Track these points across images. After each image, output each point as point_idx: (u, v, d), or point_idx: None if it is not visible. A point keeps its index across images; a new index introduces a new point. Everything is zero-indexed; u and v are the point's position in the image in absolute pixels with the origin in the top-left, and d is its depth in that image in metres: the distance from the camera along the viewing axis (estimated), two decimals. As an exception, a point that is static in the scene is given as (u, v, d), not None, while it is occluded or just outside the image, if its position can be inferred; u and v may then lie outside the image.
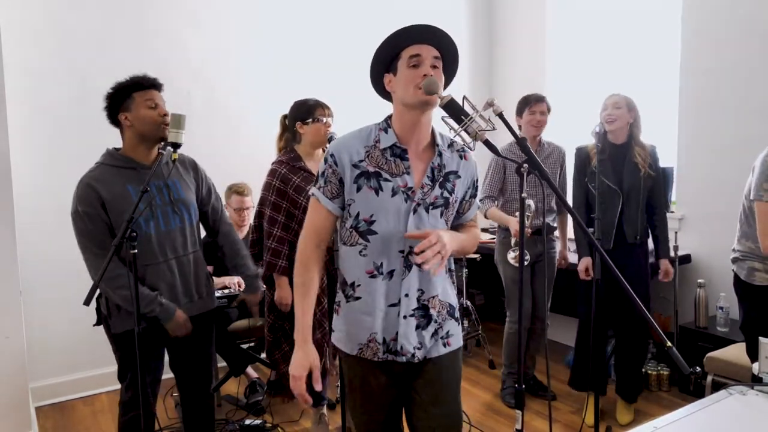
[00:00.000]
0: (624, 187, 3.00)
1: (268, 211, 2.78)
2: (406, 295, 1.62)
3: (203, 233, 2.45)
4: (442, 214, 1.65)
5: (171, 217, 2.19)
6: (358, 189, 1.60)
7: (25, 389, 2.91)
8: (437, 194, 1.63)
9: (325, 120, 2.76)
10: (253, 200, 3.54)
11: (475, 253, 4.04)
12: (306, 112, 2.79)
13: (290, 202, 2.75)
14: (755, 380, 1.78)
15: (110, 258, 1.92)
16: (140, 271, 2.12)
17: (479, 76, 5.01)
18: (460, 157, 1.70)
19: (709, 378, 3.01)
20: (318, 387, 1.60)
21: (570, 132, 4.60)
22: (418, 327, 1.66)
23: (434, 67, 1.57)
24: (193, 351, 2.37)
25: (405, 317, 1.63)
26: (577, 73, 4.55)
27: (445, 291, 1.72)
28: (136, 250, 1.98)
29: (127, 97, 2.16)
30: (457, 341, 1.74)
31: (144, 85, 2.19)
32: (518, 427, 1.54)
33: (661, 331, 1.41)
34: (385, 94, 1.69)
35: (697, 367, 1.44)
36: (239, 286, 3.40)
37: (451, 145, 1.70)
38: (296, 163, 2.78)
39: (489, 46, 5.02)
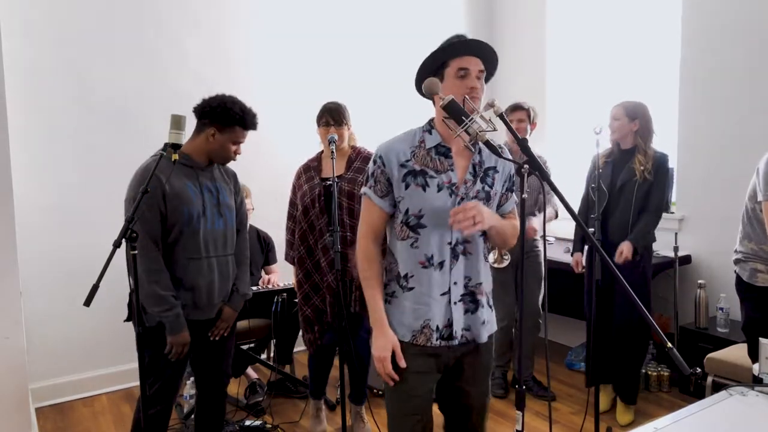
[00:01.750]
0: (615, 188, 3.04)
1: (288, 207, 3.04)
2: (455, 283, 1.74)
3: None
4: None
5: (217, 217, 2.30)
6: (407, 186, 1.72)
7: (24, 390, 2.91)
8: (479, 188, 1.74)
9: (329, 126, 2.87)
10: (252, 202, 3.55)
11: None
12: (318, 116, 2.96)
13: (297, 198, 2.95)
14: (756, 381, 1.79)
15: (110, 257, 1.93)
16: (183, 264, 2.20)
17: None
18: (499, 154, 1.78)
19: (710, 379, 3.01)
20: (402, 364, 1.72)
21: (570, 132, 4.60)
22: (466, 311, 1.78)
23: (478, 78, 1.69)
24: (221, 349, 2.44)
25: (455, 303, 1.76)
26: (578, 73, 4.55)
27: (488, 280, 1.86)
28: (136, 251, 1.99)
29: (228, 125, 2.28)
30: (492, 328, 1.88)
31: (246, 125, 2.32)
32: (518, 427, 1.54)
33: (661, 332, 1.40)
34: (426, 96, 1.77)
35: (698, 368, 1.44)
36: (276, 285, 3.57)
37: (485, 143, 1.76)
38: (312, 163, 2.98)
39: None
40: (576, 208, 3.31)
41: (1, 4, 3.23)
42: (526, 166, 1.48)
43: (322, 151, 3.01)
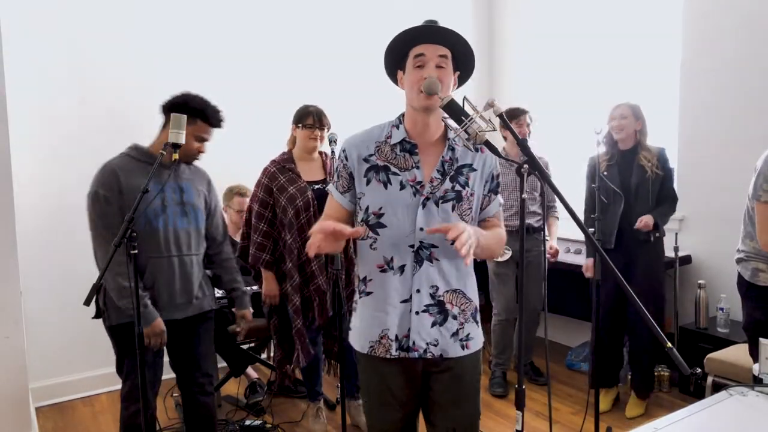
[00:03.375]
0: (632, 188, 3.10)
1: (256, 207, 2.92)
2: (418, 291, 1.61)
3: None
4: (453, 208, 1.62)
5: (179, 216, 2.27)
6: (368, 182, 1.63)
7: (25, 389, 2.91)
8: (447, 188, 1.62)
9: (314, 128, 2.85)
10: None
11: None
12: (300, 116, 2.91)
13: (275, 199, 2.86)
14: (756, 381, 1.78)
15: (111, 257, 1.94)
16: (143, 262, 2.18)
17: (479, 76, 5.00)
18: (476, 150, 1.67)
19: (710, 379, 3.00)
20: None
21: (571, 131, 4.59)
22: (434, 324, 1.63)
23: (439, 66, 1.57)
24: (191, 350, 2.41)
25: (417, 313, 1.62)
26: (578, 72, 4.54)
27: (472, 289, 1.71)
28: (136, 251, 2.00)
29: (196, 118, 2.26)
30: (476, 344, 1.72)
31: (207, 119, 2.29)
32: (518, 427, 1.54)
33: (661, 332, 1.40)
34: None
35: (698, 368, 1.44)
36: None
37: (467, 140, 1.67)
38: (287, 164, 2.90)
39: (489, 46, 5.02)
40: (576, 209, 3.30)
41: (1, 4, 3.23)
42: (525, 166, 1.48)
43: (291, 151, 2.96)
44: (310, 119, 2.86)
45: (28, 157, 3.37)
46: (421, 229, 1.59)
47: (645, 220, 3.05)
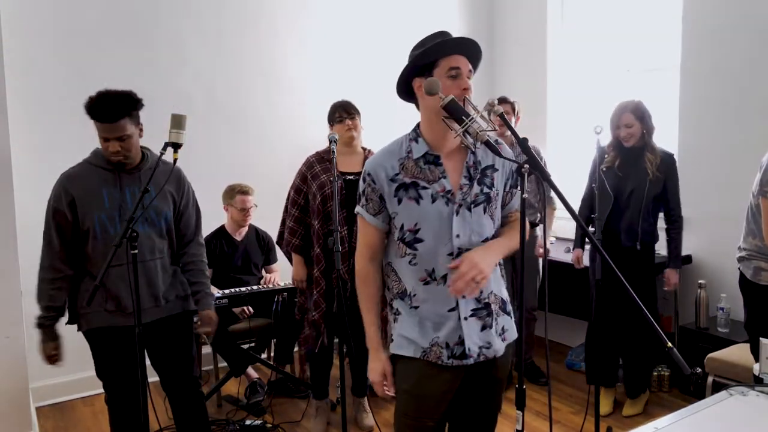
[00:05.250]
0: (626, 192, 3.04)
1: (292, 193, 3.06)
2: (463, 297, 1.63)
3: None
4: (485, 210, 1.66)
5: (139, 222, 2.16)
6: (399, 201, 1.64)
7: (25, 389, 2.91)
8: (477, 191, 1.65)
9: (344, 120, 2.94)
10: (255, 200, 3.55)
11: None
12: (330, 115, 3.02)
13: (308, 187, 2.98)
14: (756, 381, 1.78)
15: (111, 258, 1.94)
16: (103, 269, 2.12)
17: (480, 76, 4.99)
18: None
19: (710, 379, 3.00)
20: (390, 393, 1.72)
21: (570, 132, 4.60)
22: (484, 327, 1.67)
23: (468, 78, 1.63)
24: (169, 352, 2.41)
25: (465, 318, 1.65)
26: (578, 72, 4.55)
27: (498, 285, 1.74)
28: (136, 251, 2.01)
29: (92, 119, 2.18)
30: (511, 335, 1.76)
31: (101, 118, 2.15)
32: (518, 427, 1.54)
33: (661, 332, 1.40)
34: (408, 98, 1.72)
35: (698, 368, 1.44)
36: (277, 284, 3.54)
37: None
38: (326, 155, 3.00)
39: (489, 46, 5.02)
40: (575, 207, 3.31)
41: (1, 4, 3.23)
42: (526, 165, 1.48)
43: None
44: (337, 113, 2.97)
45: (28, 158, 3.36)
46: (458, 236, 1.62)
47: (668, 277, 3.12)
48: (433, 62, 1.61)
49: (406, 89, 1.70)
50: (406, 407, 1.72)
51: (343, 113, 2.95)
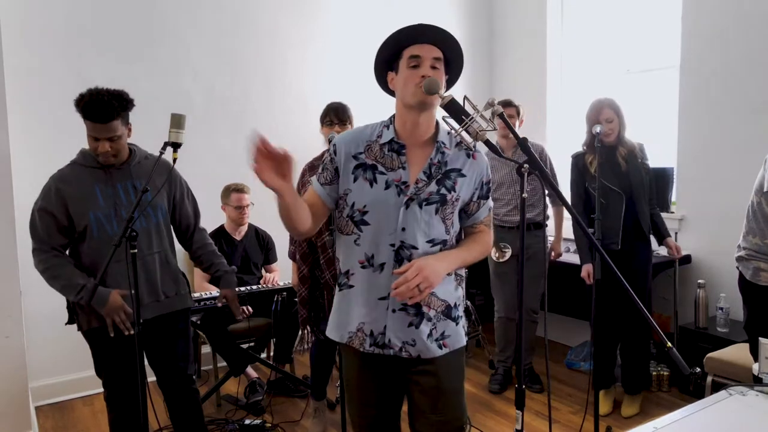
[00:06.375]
0: (631, 187, 3.08)
1: None
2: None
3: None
4: (437, 211, 1.64)
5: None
6: (355, 179, 1.65)
7: (24, 389, 2.91)
8: (433, 190, 1.63)
9: (333, 125, 2.91)
10: (252, 198, 3.55)
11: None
12: (322, 115, 2.98)
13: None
14: (755, 381, 1.78)
15: (111, 257, 1.95)
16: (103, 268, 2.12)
17: (479, 76, 5.00)
18: (468, 156, 1.69)
19: (709, 378, 3.00)
20: None
21: (571, 131, 4.60)
22: (411, 324, 1.65)
23: (434, 67, 1.59)
24: (166, 349, 2.40)
25: (394, 311, 1.64)
26: (578, 72, 4.55)
27: (446, 289, 1.70)
28: (136, 250, 2.01)
29: (83, 118, 2.16)
30: (454, 342, 1.71)
31: (94, 118, 2.12)
32: (518, 427, 1.54)
33: (661, 332, 1.40)
34: (391, 91, 1.72)
35: (697, 368, 1.44)
36: (276, 284, 3.54)
37: (459, 143, 1.69)
38: (316, 162, 2.96)
39: (489, 45, 5.02)
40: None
41: (1, 4, 3.23)
42: (526, 165, 1.48)
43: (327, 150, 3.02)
44: (328, 117, 2.93)
45: (28, 158, 3.36)
46: (403, 229, 1.61)
47: (671, 244, 3.17)
48: (398, 53, 1.62)
49: (384, 82, 1.72)
50: (348, 393, 1.78)
51: (333, 117, 2.90)
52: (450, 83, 1.71)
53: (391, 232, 1.62)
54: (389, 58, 1.65)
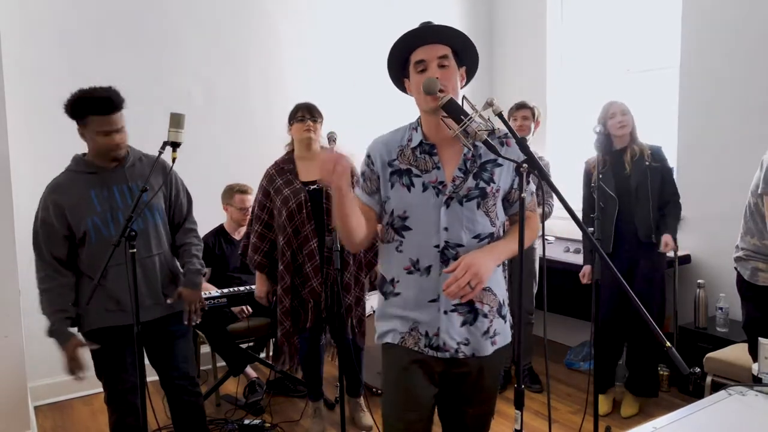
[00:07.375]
0: (632, 190, 3.06)
1: (256, 208, 2.93)
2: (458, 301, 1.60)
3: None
4: (479, 206, 1.62)
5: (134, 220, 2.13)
6: (392, 186, 1.65)
7: (23, 388, 2.91)
8: (471, 185, 1.61)
9: (305, 120, 2.82)
10: (251, 199, 3.55)
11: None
12: (291, 113, 2.90)
13: (272, 202, 2.85)
14: (755, 381, 1.78)
15: (110, 257, 1.95)
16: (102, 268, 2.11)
17: (479, 76, 4.99)
18: (501, 144, 1.65)
19: (709, 378, 3.00)
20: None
21: (570, 131, 4.60)
22: (464, 323, 1.64)
23: (442, 66, 1.59)
24: (167, 352, 2.40)
25: (446, 312, 1.63)
26: (578, 72, 4.55)
27: (497, 283, 1.69)
28: (135, 249, 2.01)
29: (85, 116, 2.14)
30: (503, 339, 1.73)
31: (102, 110, 2.12)
32: (517, 427, 1.54)
33: (660, 332, 1.40)
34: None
35: (697, 368, 1.44)
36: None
37: (492, 132, 1.63)
38: (286, 165, 2.89)
39: (489, 45, 5.02)
40: (575, 208, 3.30)
41: (1, 4, 3.23)
42: (525, 165, 1.48)
43: (292, 151, 2.93)
44: (299, 112, 2.84)
45: (27, 158, 3.36)
46: (446, 229, 1.60)
47: (670, 244, 3.05)
48: (406, 59, 1.63)
49: (404, 90, 1.72)
50: (389, 398, 1.73)
51: (306, 113, 2.82)
52: (469, 73, 1.71)
53: (434, 234, 1.61)
54: (400, 67, 1.66)
